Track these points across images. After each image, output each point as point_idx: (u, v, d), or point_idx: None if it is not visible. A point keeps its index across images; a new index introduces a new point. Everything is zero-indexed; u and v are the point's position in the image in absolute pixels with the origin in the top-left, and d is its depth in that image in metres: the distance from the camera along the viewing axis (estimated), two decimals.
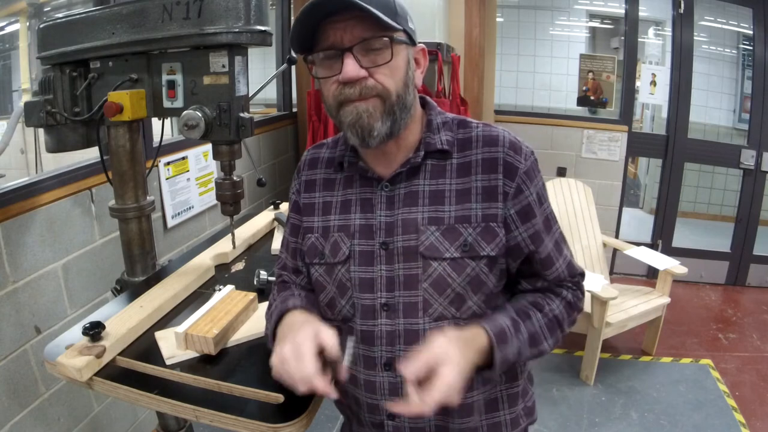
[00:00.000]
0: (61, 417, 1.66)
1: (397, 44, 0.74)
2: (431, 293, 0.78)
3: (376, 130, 0.74)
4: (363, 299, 0.81)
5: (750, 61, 3.49)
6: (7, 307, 1.46)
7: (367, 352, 0.82)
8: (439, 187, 0.79)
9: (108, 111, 1.13)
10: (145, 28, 1.09)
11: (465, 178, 0.79)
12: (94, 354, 0.89)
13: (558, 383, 2.54)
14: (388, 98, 0.74)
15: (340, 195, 0.85)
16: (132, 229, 1.30)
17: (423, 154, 0.80)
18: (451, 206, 0.78)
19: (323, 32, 0.73)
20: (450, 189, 0.79)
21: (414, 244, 0.78)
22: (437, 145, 0.80)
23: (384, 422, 0.84)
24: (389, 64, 0.73)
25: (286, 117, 3.19)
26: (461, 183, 0.79)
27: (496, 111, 3.80)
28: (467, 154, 0.80)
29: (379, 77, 0.73)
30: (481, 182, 0.78)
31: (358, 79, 0.73)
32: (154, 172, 2.00)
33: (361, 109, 0.74)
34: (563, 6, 3.83)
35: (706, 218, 4.55)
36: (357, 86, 0.73)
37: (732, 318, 3.27)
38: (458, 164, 0.80)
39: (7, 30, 2.68)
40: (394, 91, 0.74)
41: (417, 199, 0.79)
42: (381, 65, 0.73)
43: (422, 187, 0.80)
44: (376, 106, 0.74)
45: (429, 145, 0.80)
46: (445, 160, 0.81)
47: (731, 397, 2.45)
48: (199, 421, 0.83)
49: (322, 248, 0.84)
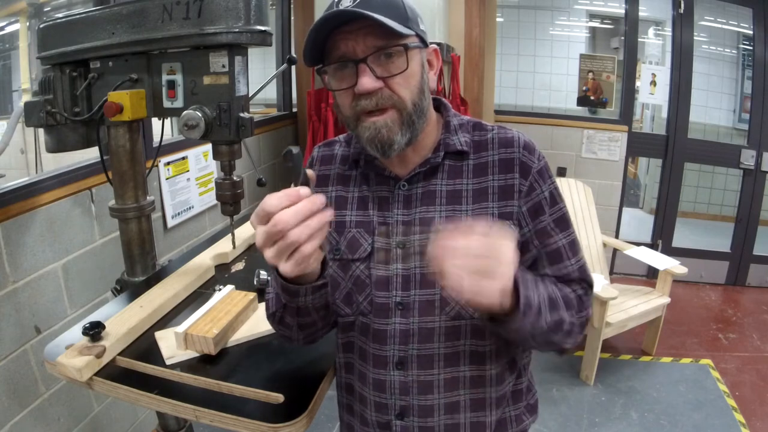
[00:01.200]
0: (61, 417, 1.66)
1: (411, 50, 0.74)
2: None
3: (396, 143, 0.74)
4: (378, 297, 0.81)
5: (750, 61, 3.49)
6: (7, 307, 1.46)
7: (378, 351, 0.82)
8: (456, 187, 0.80)
9: (108, 111, 1.13)
10: (145, 28, 1.09)
11: (481, 178, 0.80)
12: (94, 354, 0.89)
13: (558, 383, 2.54)
14: (405, 109, 0.74)
15: (356, 191, 0.85)
16: (132, 229, 1.30)
17: (443, 155, 0.81)
18: (468, 206, 0.79)
19: (334, 42, 0.72)
20: (467, 189, 0.80)
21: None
22: (456, 146, 0.81)
23: (392, 422, 0.84)
24: (404, 73, 0.73)
25: (286, 117, 3.19)
26: (478, 183, 0.80)
27: (496, 111, 3.80)
28: (483, 155, 0.81)
29: (395, 87, 0.73)
30: (497, 182, 0.80)
31: (374, 90, 0.72)
32: (154, 172, 2.00)
33: (380, 124, 0.73)
34: (563, 6, 3.83)
35: (706, 218, 4.55)
36: (373, 97, 0.72)
37: (732, 318, 3.27)
38: (474, 165, 0.81)
39: (7, 30, 2.68)
40: (410, 101, 0.74)
41: (434, 198, 0.80)
42: (396, 75, 0.72)
43: (440, 187, 0.81)
44: (394, 119, 0.74)
45: (448, 146, 0.81)
46: (462, 160, 0.82)
47: (731, 397, 2.45)
48: (199, 421, 0.83)
49: (336, 243, 0.84)
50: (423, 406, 0.82)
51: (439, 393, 0.82)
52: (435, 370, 0.81)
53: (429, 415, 0.82)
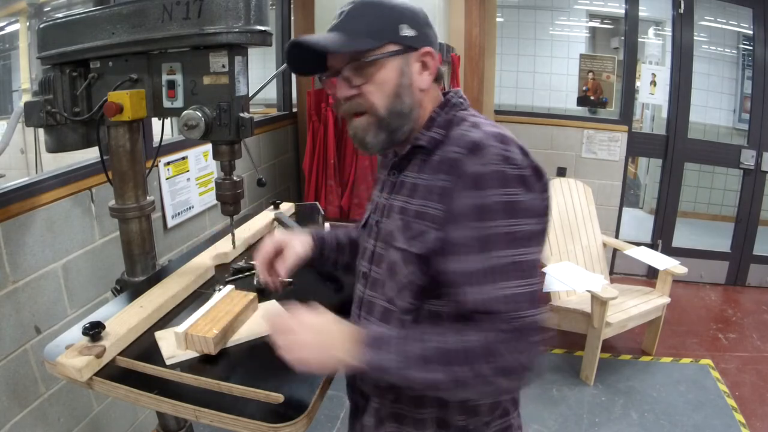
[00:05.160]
0: (61, 417, 1.66)
1: (384, 59, 0.79)
2: (386, 276, 0.85)
3: (369, 144, 0.83)
4: (360, 265, 0.94)
5: (750, 61, 3.49)
6: (7, 307, 1.46)
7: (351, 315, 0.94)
8: (418, 180, 0.83)
9: (108, 111, 1.13)
10: (145, 28, 1.09)
11: (433, 175, 0.79)
12: (94, 354, 0.89)
13: (558, 383, 2.55)
14: (376, 114, 0.81)
15: (382, 175, 0.96)
16: (132, 229, 1.30)
17: (409, 148, 0.85)
18: (417, 200, 0.80)
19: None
20: (422, 184, 0.81)
21: (389, 228, 0.85)
22: (420, 141, 0.83)
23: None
24: (375, 80, 0.80)
25: (286, 117, 3.20)
26: (429, 180, 0.79)
27: (496, 111, 3.80)
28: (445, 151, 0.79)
29: (367, 94, 0.80)
30: (439, 181, 0.77)
31: (348, 97, 0.81)
32: (154, 172, 2.00)
33: (355, 125, 0.83)
34: (563, 6, 3.83)
35: (706, 218, 4.56)
36: (348, 103, 0.82)
37: (732, 318, 3.27)
38: (438, 161, 0.79)
39: (7, 30, 2.68)
40: (383, 107, 0.80)
41: (402, 188, 0.85)
42: (368, 82, 0.80)
43: (409, 178, 0.85)
44: (370, 123, 0.82)
45: (417, 139, 0.84)
46: (431, 155, 0.82)
47: (731, 397, 2.45)
48: (199, 421, 0.83)
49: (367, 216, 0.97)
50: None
51: None
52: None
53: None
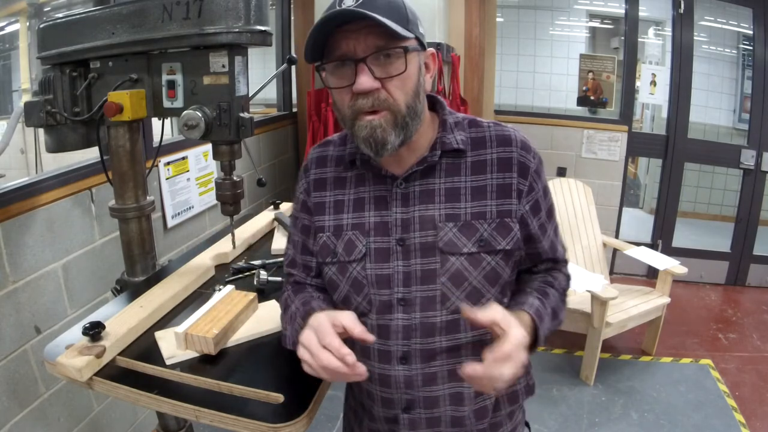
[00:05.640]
0: (61, 417, 1.66)
1: (410, 53, 0.74)
2: (449, 287, 0.80)
3: (389, 143, 0.75)
4: (381, 295, 0.82)
5: (750, 61, 3.49)
6: (7, 307, 1.46)
7: (382, 347, 0.83)
8: (455, 184, 0.82)
9: (108, 111, 1.13)
10: (145, 28, 1.09)
11: (480, 175, 0.82)
12: (94, 354, 0.89)
13: (558, 383, 2.54)
14: (399, 112, 0.75)
15: (352, 193, 0.86)
16: (132, 229, 1.30)
17: (439, 153, 0.82)
18: (467, 203, 0.81)
19: (336, 41, 0.73)
20: (465, 186, 0.81)
21: (432, 240, 0.80)
22: (453, 144, 0.82)
23: (399, 416, 0.86)
24: (402, 75, 0.74)
25: (286, 117, 3.20)
26: (476, 180, 0.81)
27: (496, 111, 3.80)
28: (481, 153, 0.82)
29: (391, 89, 0.74)
30: (495, 180, 0.81)
31: (372, 90, 0.73)
32: (154, 172, 2.00)
33: (375, 124, 0.74)
34: (563, 6, 3.83)
35: (706, 218, 4.55)
36: (370, 97, 0.73)
37: (732, 318, 3.27)
38: (472, 162, 0.82)
39: (7, 30, 2.68)
40: (404, 104, 0.75)
41: (433, 196, 0.81)
42: (394, 76, 0.73)
43: (438, 185, 0.82)
44: (387, 121, 0.75)
45: (445, 144, 0.82)
46: (460, 158, 0.82)
47: (731, 397, 2.45)
48: (199, 421, 0.83)
49: (334, 247, 0.85)
50: (428, 398, 0.84)
51: (443, 384, 0.83)
52: (438, 363, 0.82)
53: (435, 406, 0.84)
